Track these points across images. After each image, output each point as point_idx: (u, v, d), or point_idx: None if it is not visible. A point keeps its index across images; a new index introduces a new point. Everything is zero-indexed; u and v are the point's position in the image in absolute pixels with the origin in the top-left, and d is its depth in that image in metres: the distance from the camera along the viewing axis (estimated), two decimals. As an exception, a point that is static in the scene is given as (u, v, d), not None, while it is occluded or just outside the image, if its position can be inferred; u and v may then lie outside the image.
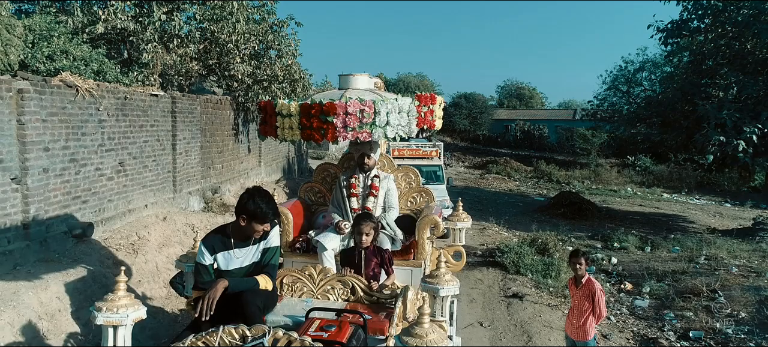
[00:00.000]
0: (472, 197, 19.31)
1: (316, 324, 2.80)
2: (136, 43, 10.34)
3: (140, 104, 8.11)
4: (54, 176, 6.13)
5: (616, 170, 27.80)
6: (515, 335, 6.72)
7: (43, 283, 5.30)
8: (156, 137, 8.64)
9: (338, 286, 3.39)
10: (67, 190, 6.38)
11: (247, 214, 3.06)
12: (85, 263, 6.08)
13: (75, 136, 6.51)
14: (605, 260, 10.70)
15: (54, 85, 6.13)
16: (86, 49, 8.36)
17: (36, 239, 5.82)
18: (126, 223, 7.55)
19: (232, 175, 12.34)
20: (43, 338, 4.80)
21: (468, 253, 10.81)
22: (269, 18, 12.70)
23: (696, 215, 18.60)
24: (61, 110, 6.24)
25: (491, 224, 13.53)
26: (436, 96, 4.00)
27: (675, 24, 15.31)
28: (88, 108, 6.74)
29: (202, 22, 10.76)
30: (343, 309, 3.02)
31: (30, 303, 4.95)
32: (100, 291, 5.90)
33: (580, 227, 14.49)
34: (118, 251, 6.75)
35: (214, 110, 11.15)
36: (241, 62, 11.56)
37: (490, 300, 8.07)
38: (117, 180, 7.49)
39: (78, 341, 5.11)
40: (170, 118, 9.11)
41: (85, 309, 5.48)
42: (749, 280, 8.61)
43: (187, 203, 9.79)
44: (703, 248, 10.65)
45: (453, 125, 49.40)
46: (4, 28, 5.30)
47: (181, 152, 9.43)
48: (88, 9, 10.18)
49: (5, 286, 5.04)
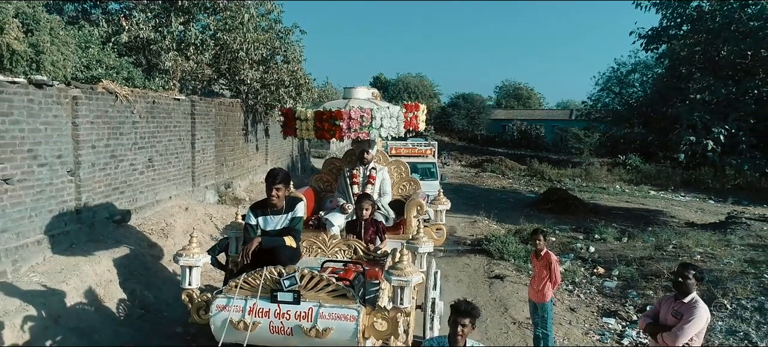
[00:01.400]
0: (466, 194, 20.37)
1: (328, 271, 3.83)
2: (156, 51, 11.36)
3: (165, 107, 9.16)
4: (98, 169, 7.18)
5: (606, 169, 28.82)
6: (494, 307, 7.78)
7: (96, 259, 6.35)
8: (178, 137, 9.68)
9: (344, 248, 4.43)
10: (108, 182, 7.42)
11: (266, 180, 4.11)
12: (125, 244, 7.13)
13: (114, 135, 7.55)
14: (583, 249, 11.73)
15: (98, 91, 7.17)
16: (114, 57, 9.40)
17: (86, 223, 6.87)
18: (155, 212, 8.59)
19: (242, 171, 13.38)
20: (101, 300, 5.85)
21: (458, 242, 11.90)
22: (276, 26, 13.76)
23: (678, 210, 19.61)
24: (104, 113, 7.28)
25: (482, 217, 14.56)
26: (419, 105, 5.07)
27: (655, 31, 16.35)
28: (124, 111, 7.78)
29: (216, 32, 11.77)
30: (349, 260, 4.07)
31: (88, 273, 6.00)
32: (140, 267, 7.00)
33: (565, 221, 15.51)
34: (151, 235, 7.80)
35: (227, 111, 12.19)
36: (250, 68, 12.59)
37: (475, 280, 9.12)
38: (147, 174, 8.54)
39: (126, 305, 6.15)
40: (190, 119, 10.15)
41: (130, 280, 6.56)
42: (706, 264, 9.65)
43: (204, 196, 10.83)
44: (672, 238, 11.68)
45: (451, 125, 50.38)
46: (61, 43, 6.32)
47: (199, 150, 10.48)
48: (110, 19, 11.22)
49: (68, 260, 6.10)
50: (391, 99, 56.20)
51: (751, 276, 8.65)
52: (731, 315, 7.42)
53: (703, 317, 3.81)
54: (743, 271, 9.01)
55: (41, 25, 6.02)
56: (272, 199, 4.03)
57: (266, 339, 3.41)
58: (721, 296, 7.86)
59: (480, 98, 54.46)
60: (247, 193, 12.89)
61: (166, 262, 7.55)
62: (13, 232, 5.63)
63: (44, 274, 5.71)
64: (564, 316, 7.64)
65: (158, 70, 11.00)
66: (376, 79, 61.80)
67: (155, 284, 6.90)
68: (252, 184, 13.98)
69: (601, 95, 29.69)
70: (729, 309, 7.59)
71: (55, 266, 5.94)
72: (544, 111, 58.54)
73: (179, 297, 7.02)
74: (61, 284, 5.58)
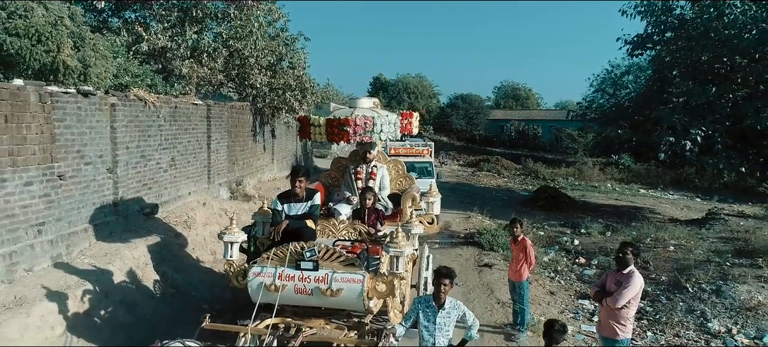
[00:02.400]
0: (462, 192, 21.30)
1: (338, 248, 4.76)
2: (171, 58, 12.28)
3: (185, 111, 10.09)
4: (131, 167, 8.11)
5: (598, 168, 29.73)
6: (482, 290, 8.72)
7: (133, 245, 7.30)
8: (196, 138, 10.62)
9: (351, 231, 5.35)
10: (139, 179, 8.36)
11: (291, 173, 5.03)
12: (155, 233, 8.07)
13: (143, 137, 8.48)
14: (568, 242, 12.67)
15: (131, 99, 8.11)
16: (137, 64, 10.33)
17: (122, 215, 7.81)
18: (177, 206, 9.53)
19: (251, 170, 14.32)
20: (140, 280, 6.80)
21: (452, 236, 12.83)
22: (282, 34, 14.69)
23: (665, 208, 20.55)
24: (135, 118, 8.21)
25: (475, 213, 15.50)
26: (413, 113, 6.02)
27: (640, 38, 17.27)
28: (151, 116, 8.71)
29: (228, 40, 12.69)
30: (355, 240, 5.00)
31: (128, 257, 6.95)
32: (169, 254, 7.94)
33: (555, 217, 16.44)
34: (177, 226, 8.74)
35: (237, 114, 13.12)
36: (259, 73, 13.52)
37: (467, 268, 10.06)
38: (170, 172, 9.47)
39: (160, 285, 7.09)
40: (206, 122, 11.08)
41: (162, 264, 7.50)
42: (678, 254, 10.61)
43: (218, 193, 11.76)
44: (651, 232, 12.61)
45: (450, 125, 51.19)
46: (101, 57, 7.25)
47: (213, 150, 11.41)
48: (130, 29, 12.13)
49: (110, 246, 7.04)
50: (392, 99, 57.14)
51: (715, 263, 9.60)
52: (692, 297, 8.36)
53: (638, 284, 4.75)
54: (708, 260, 9.96)
55: (86, 41, 6.94)
56: (296, 189, 4.98)
57: (291, 298, 4.35)
58: (685, 281, 8.81)
59: (478, 98, 55.17)
60: (256, 190, 13.82)
61: (190, 250, 8.51)
62: (66, 221, 6.57)
63: (92, 257, 6.66)
64: (544, 298, 8.59)
65: (175, 76, 11.93)
66: (376, 80, 62.52)
67: (182, 268, 7.85)
68: (260, 182, 14.92)
69: (596, 96, 30.57)
70: (690, 291, 8.54)
71: (99, 250, 6.89)
72: (541, 111, 59.11)
73: (204, 279, 8.02)
74: (108, 265, 6.52)
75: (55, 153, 6.31)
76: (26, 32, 5.87)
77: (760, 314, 7.67)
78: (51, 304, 5.40)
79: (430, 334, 4.01)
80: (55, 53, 6.04)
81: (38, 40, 5.91)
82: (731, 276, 8.91)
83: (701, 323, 7.62)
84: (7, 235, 5.64)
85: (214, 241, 9.25)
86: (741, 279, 8.73)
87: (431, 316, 3.98)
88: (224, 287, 7.83)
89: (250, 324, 3.99)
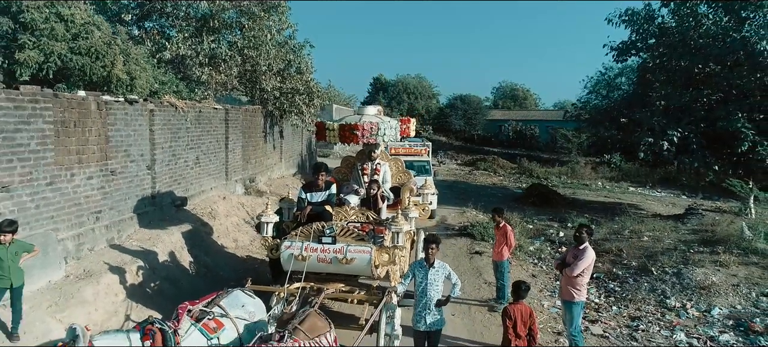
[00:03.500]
0: (458, 190, 22.48)
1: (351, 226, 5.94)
2: (190, 65, 13.43)
3: (207, 115, 11.27)
4: (164, 165, 9.29)
5: (590, 167, 30.89)
6: (472, 273, 9.91)
7: (170, 232, 8.48)
8: (216, 139, 11.79)
9: (360, 215, 6.52)
10: (171, 175, 9.54)
11: (313, 169, 6.24)
12: (186, 222, 9.24)
13: (174, 139, 9.66)
14: (554, 234, 13.84)
15: (164, 105, 9.28)
16: (162, 72, 11.48)
17: (158, 206, 8.99)
18: (202, 199, 10.71)
19: (262, 168, 15.50)
20: (179, 261, 7.97)
21: (448, 228, 14.00)
22: (291, 42, 15.86)
23: (651, 205, 21.71)
24: (168, 122, 9.38)
25: (470, 209, 16.69)
26: (411, 119, 7.22)
27: (625, 44, 18.43)
28: (180, 119, 9.88)
29: (242, 49, 13.86)
30: (364, 222, 6.19)
31: (167, 241, 8.13)
32: (199, 240, 9.11)
33: (545, 212, 17.62)
34: (203, 217, 9.92)
35: (250, 117, 14.29)
36: (270, 78, 14.69)
37: (459, 255, 11.24)
38: (195, 170, 10.65)
39: (194, 265, 8.27)
40: (224, 125, 12.25)
41: (194, 249, 8.67)
42: (649, 244, 11.78)
43: (234, 189, 12.94)
44: (629, 224, 13.79)
45: (449, 125, 52.31)
46: (142, 69, 8.42)
47: (231, 150, 12.59)
48: (153, 38, 13.30)
49: (151, 232, 8.22)
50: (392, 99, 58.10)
51: (680, 251, 10.77)
52: (656, 279, 9.54)
53: (590, 257, 5.93)
54: (675, 248, 11.13)
55: (131, 56, 8.12)
56: (318, 181, 6.18)
57: (314, 266, 5.52)
58: (651, 265, 9.99)
59: (477, 99, 56.22)
60: (267, 186, 14.99)
61: (216, 237, 9.69)
62: (116, 210, 7.75)
63: (138, 240, 7.84)
64: (527, 279, 9.74)
65: (194, 82, 13.08)
66: (377, 80, 63.57)
67: (210, 252, 9.04)
68: (270, 179, 16.09)
69: (590, 97, 31.66)
70: (655, 274, 9.72)
71: (143, 236, 8.07)
72: (539, 112, 60.12)
73: (228, 262, 9.19)
74: (152, 247, 7.71)
75: (108, 152, 7.49)
76: (87, 51, 7.03)
77: (712, 292, 8.86)
78: (113, 276, 6.59)
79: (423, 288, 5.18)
80: (110, 68, 7.20)
81: (96, 57, 7.08)
82: (692, 261, 10.09)
83: (661, 300, 8.80)
84: (75, 220, 6.82)
85: (235, 230, 10.45)
86: (700, 263, 9.90)
87: (424, 273, 5.16)
88: (247, 269, 9.05)
89: (285, 286, 5.16)
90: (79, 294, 5.98)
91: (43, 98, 6.14)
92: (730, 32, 14.58)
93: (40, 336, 5.25)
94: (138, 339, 3.06)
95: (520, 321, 5.07)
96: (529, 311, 5.22)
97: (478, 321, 7.68)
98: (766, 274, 9.44)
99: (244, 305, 4.02)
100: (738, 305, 8.47)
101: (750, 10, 15.01)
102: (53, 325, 5.47)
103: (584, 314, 7.95)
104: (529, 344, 5.07)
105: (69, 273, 6.42)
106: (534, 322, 5.17)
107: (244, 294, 4.26)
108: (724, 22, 14.66)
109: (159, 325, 3.20)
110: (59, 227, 6.48)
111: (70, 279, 6.32)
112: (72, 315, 5.65)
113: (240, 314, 3.91)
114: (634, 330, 7.64)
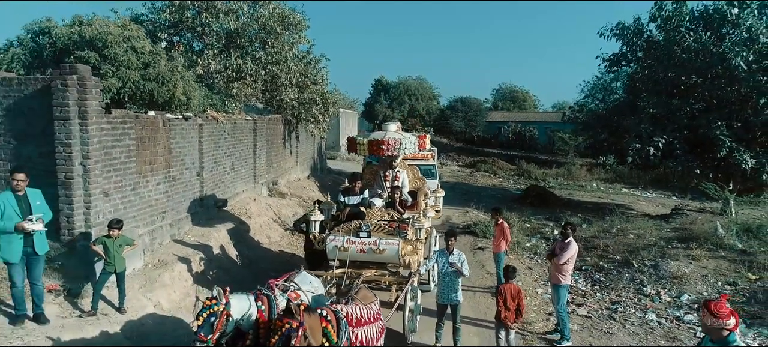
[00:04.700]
0: (461, 191, 23.90)
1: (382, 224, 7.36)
2: (218, 80, 14.80)
3: (240, 126, 12.68)
4: (209, 171, 10.69)
5: (586, 169, 32.33)
6: (476, 266, 11.32)
7: (217, 229, 9.89)
8: (246, 147, 13.20)
9: (386, 215, 7.93)
10: (214, 180, 10.95)
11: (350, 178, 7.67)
12: (228, 221, 10.65)
13: (216, 148, 11.06)
14: (549, 232, 15.25)
15: (209, 119, 10.69)
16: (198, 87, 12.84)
17: (205, 207, 10.40)
18: (237, 201, 12.11)
19: (282, 172, 16.91)
20: (227, 254, 9.38)
21: (453, 226, 15.39)
22: (307, 56, 17.27)
23: (641, 205, 23.14)
24: (212, 134, 10.79)
25: (472, 209, 18.11)
26: (426, 135, 8.66)
27: (616, 56, 19.88)
28: (220, 131, 11.29)
29: (266, 64, 15.25)
30: (390, 220, 7.62)
31: (216, 237, 9.54)
32: (240, 236, 10.51)
33: (541, 212, 19.05)
34: (241, 216, 11.33)
35: (273, 125, 15.70)
36: (289, 90, 16.09)
37: (464, 250, 12.27)
38: (231, 175, 12.05)
39: (240, 258, 9.67)
40: (253, 134, 13.66)
41: (238, 244, 10.08)
42: (634, 240, 13.20)
43: (261, 191, 14.34)
44: (618, 223, 15.21)
45: (449, 127, 53.66)
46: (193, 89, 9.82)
47: (258, 156, 14.00)
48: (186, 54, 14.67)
49: (202, 229, 9.63)
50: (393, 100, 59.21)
51: (659, 247, 12.19)
52: (636, 270, 10.95)
53: (574, 249, 7.34)
54: (656, 244, 12.55)
55: (185, 79, 9.52)
56: (354, 187, 7.61)
57: (353, 255, 6.93)
58: (632, 259, 11.41)
59: (477, 101, 57.41)
60: (287, 188, 16.41)
61: (252, 234, 11.10)
62: (176, 210, 9.16)
63: (194, 236, 9.25)
64: (523, 270, 11.18)
65: (223, 95, 14.46)
66: (378, 82, 64.82)
67: (250, 247, 10.45)
68: (289, 182, 17.49)
69: (587, 101, 33.02)
70: (635, 266, 11.13)
71: (197, 232, 9.48)
72: (538, 113, 61.28)
73: (265, 256, 10.58)
74: (206, 242, 9.12)
75: (170, 162, 8.90)
76: (155, 77, 8.44)
77: (683, 281, 10.26)
78: (182, 265, 8.00)
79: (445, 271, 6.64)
80: (173, 91, 8.61)
81: (163, 83, 8.48)
82: (668, 255, 11.50)
83: (639, 288, 10.21)
84: (149, 219, 8.23)
85: (267, 228, 11.87)
86: (675, 257, 11.31)
87: (445, 260, 6.61)
88: (281, 261, 10.46)
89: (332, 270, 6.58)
90: (160, 278, 7.40)
91: (129, 120, 7.55)
92: (710, 47, 15.99)
93: (138, 309, 6.66)
94: (253, 300, 4.43)
95: (509, 297, 6.49)
96: (517, 289, 6.63)
97: (482, 304, 9.10)
98: (731, 266, 10.84)
99: (311, 282, 5.38)
100: (704, 292, 9.87)
101: (728, 27, 16.45)
102: (145, 302, 6.89)
103: (572, 299, 9.40)
104: (516, 314, 6.48)
105: (147, 262, 7.83)
106: (521, 298, 6.58)
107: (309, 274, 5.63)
108: (705, 39, 16.07)
109: (265, 292, 4.57)
110: (139, 224, 7.88)
111: (149, 267, 7.74)
112: (158, 295, 7.07)
113: (308, 288, 5.26)
114: (613, 312, 9.05)
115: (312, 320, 4.06)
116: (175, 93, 8.68)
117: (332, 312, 4.38)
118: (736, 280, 10.13)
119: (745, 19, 15.88)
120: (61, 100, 6.33)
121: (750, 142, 16.25)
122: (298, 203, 15.02)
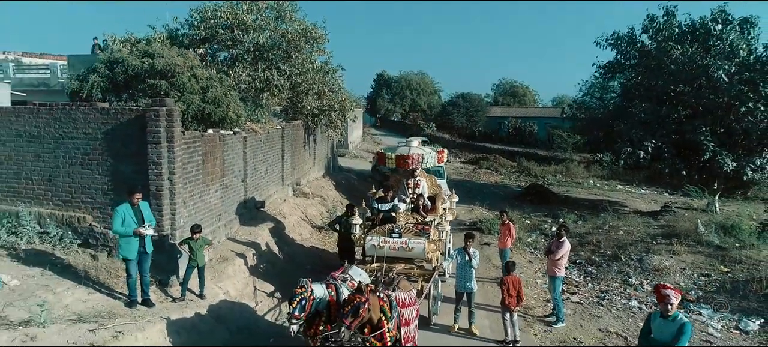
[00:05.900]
0: (465, 188, 25.36)
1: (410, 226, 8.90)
2: (246, 90, 16.23)
3: (272, 134, 14.18)
4: (249, 177, 12.20)
5: (583, 166, 33.84)
6: (482, 260, 12.78)
7: (260, 228, 11.42)
8: (276, 152, 14.70)
9: (411, 218, 9.46)
10: (253, 184, 12.46)
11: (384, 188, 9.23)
12: (267, 221, 12.18)
13: (254, 156, 12.56)
14: (548, 228, 16.81)
15: (249, 130, 12.19)
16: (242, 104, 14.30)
17: (247, 209, 11.92)
18: (271, 202, 13.64)
19: (302, 173, 18.41)
20: (271, 249, 10.92)
21: (459, 223, 16.97)
22: (325, 66, 18.73)
23: (634, 201, 24.69)
24: (252, 143, 12.28)
25: (477, 206, 19.66)
26: (444, 150, 10.20)
27: (610, 64, 21.36)
28: (257, 140, 12.78)
29: (291, 75, 16.70)
30: (415, 222, 9.16)
31: (261, 235, 11.07)
32: (279, 234, 12.04)
33: (540, 208, 20.59)
34: (276, 216, 12.86)
35: (295, 131, 17.17)
36: (310, 98, 17.55)
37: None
38: (265, 179, 13.57)
39: (282, 253, 11.21)
40: (281, 141, 15.16)
41: (278, 242, 11.60)
42: (623, 236, 14.76)
43: (288, 192, 15.86)
44: (609, 220, 16.77)
45: (451, 123, 54.91)
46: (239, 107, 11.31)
47: (285, 160, 15.51)
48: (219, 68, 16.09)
49: (249, 228, 11.16)
50: (395, 95, 60.20)
51: (645, 242, 13.75)
52: (623, 263, 12.51)
53: (566, 246, 8.89)
54: (642, 240, 14.11)
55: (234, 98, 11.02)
56: (386, 196, 9.14)
57: (388, 253, 8.45)
58: (620, 253, 12.97)
59: (478, 97, 58.55)
60: (309, 188, 17.92)
61: (288, 232, 12.64)
62: (228, 212, 10.69)
63: (243, 235, 10.79)
64: (524, 264, 12.75)
65: (256, 106, 15.93)
66: (380, 77, 65.96)
67: (288, 243, 11.99)
68: (309, 182, 19.00)
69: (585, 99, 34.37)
70: (622, 260, 12.70)
71: (245, 231, 11.01)
72: (538, 109, 62.26)
73: (300, 252, 12.10)
74: (254, 239, 10.66)
75: (224, 171, 10.41)
76: (213, 100, 9.93)
77: (664, 273, 11.81)
78: (239, 260, 9.54)
79: (462, 265, 8.19)
80: (226, 111, 10.12)
81: (218, 105, 9.98)
82: (653, 250, 13.06)
83: (625, 279, 11.77)
84: (209, 221, 9.76)
85: (298, 226, 13.41)
86: (658, 252, 12.87)
87: (463, 256, 8.18)
88: (314, 256, 12.01)
89: (370, 264, 8.12)
90: (225, 271, 8.95)
91: (197, 139, 9.06)
92: (696, 59, 17.46)
93: (213, 296, 8.20)
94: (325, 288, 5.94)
95: (511, 287, 8.04)
96: (518, 280, 8.18)
97: (489, 292, 10.66)
98: (707, 260, 12.40)
99: (361, 274, 6.90)
100: (681, 282, 11.43)
101: (714, 40, 17.93)
102: (217, 290, 8.44)
103: (566, 288, 10.96)
104: (517, 300, 8.03)
105: (211, 257, 9.36)
106: (521, 288, 8.12)
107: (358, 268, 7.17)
108: (691, 51, 17.54)
109: (333, 282, 6.08)
110: (204, 226, 9.41)
111: (213, 261, 9.27)
112: (225, 284, 8.62)
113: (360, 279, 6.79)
114: (601, 300, 10.62)
115: (374, 299, 5.60)
116: (229, 113, 10.18)
117: (386, 295, 5.91)
118: (709, 272, 11.69)
119: (727, 33, 17.36)
120: (154, 127, 7.83)
121: (732, 146, 17.77)
122: (320, 202, 16.53)
